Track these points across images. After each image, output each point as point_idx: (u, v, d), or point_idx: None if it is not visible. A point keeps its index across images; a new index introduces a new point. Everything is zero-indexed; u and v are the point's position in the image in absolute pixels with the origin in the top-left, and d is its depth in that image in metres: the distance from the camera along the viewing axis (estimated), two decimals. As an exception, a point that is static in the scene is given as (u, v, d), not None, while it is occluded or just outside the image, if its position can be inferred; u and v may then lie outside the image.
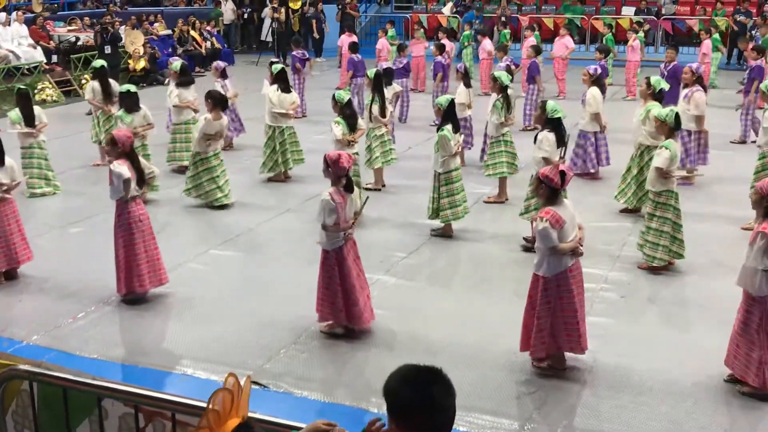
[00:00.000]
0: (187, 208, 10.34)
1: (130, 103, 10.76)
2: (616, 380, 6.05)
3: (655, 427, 5.48)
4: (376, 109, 10.73)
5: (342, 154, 6.49)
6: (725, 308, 6.38)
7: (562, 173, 5.85)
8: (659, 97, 9.71)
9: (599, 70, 11.39)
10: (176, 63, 12.27)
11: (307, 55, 16.58)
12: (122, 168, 7.12)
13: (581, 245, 5.89)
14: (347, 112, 9.58)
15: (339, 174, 6.46)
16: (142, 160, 7.54)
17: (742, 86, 15.27)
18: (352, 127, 9.53)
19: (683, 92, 10.93)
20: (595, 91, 11.03)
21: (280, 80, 11.36)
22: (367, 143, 10.70)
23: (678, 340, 6.74)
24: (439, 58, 15.39)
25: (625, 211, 9.82)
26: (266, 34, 27.12)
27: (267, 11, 27.06)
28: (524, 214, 8.67)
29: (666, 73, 13.21)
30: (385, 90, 11.56)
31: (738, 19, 22.36)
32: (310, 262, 7.54)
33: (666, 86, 9.90)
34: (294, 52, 16.42)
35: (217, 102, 9.89)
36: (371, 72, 11.04)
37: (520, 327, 6.13)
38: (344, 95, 9.71)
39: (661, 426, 5.49)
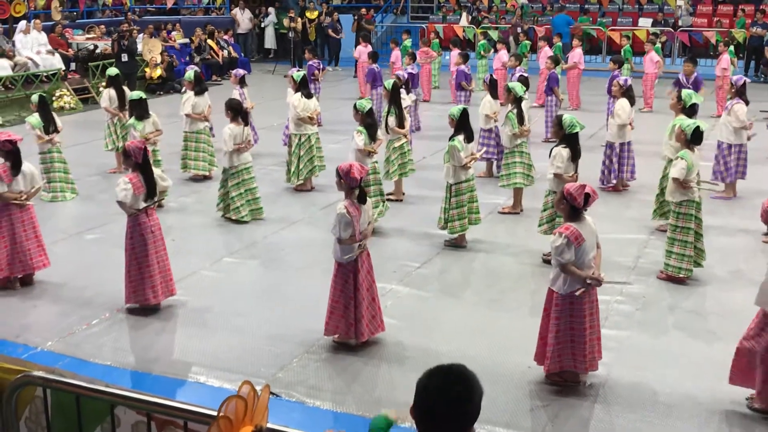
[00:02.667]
0: (202, 215, 10.38)
1: (141, 111, 10.92)
2: (630, 394, 6.00)
3: (669, 442, 5.44)
4: (392, 120, 10.69)
5: (353, 165, 6.47)
6: (745, 321, 6.29)
7: (587, 195, 5.79)
8: (690, 111, 9.37)
9: (629, 82, 11.33)
10: (189, 72, 12.33)
11: (322, 65, 16.58)
12: (122, 189, 7.12)
13: (599, 274, 5.82)
14: (368, 121, 9.53)
15: (351, 185, 6.44)
16: (158, 171, 7.56)
17: None
18: (372, 136, 9.46)
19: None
20: (624, 102, 10.99)
21: (303, 87, 11.42)
22: (387, 154, 10.68)
23: (694, 353, 6.67)
24: (462, 67, 15.38)
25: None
26: (271, 42, 27.43)
27: (269, 19, 27.30)
28: (540, 227, 8.63)
29: (690, 86, 13.06)
30: (407, 96, 11.55)
31: (755, 31, 22.23)
32: (324, 272, 7.53)
33: (699, 100, 9.67)
34: (310, 62, 16.46)
35: (237, 112, 9.87)
36: (388, 83, 10.98)
37: (535, 339, 6.12)
38: (365, 104, 9.63)
39: (675, 441, 5.45)
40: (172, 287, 7.54)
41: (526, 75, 13.02)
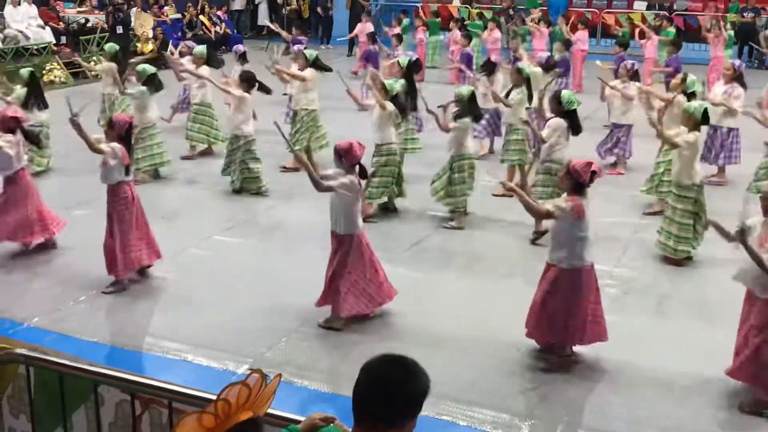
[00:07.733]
0: (191, 191, 10.30)
1: (157, 84, 10.68)
2: (619, 377, 5.99)
3: (657, 425, 5.42)
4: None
5: (353, 143, 6.41)
6: (734, 304, 6.28)
7: (593, 172, 5.79)
8: (691, 96, 9.36)
9: (636, 65, 11.46)
10: (200, 48, 12.12)
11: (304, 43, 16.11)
12: (113, 155, 7.09)
13: None
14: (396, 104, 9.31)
15: (352, 163, 6.41)
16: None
17: None
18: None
19: (723, 88, 10.77)
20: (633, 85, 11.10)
21: (317, 66, 11.34)
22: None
23: (684, 336, 6.65)
24: (467, 49, 15.39)
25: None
26: (265, 18, 27.17)
27: None
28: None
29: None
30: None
31: (745, 16, 22.04)
32: (315, 249, 7.50)
33: (698, 88, 9.62)
34: (295, 39, 16.09)
35: (251, 83, 10.08)
36: (403, 60, 10.63)
37: (525, 318, 6.11)
38: (394, 85, 9.39)
39: (663, 424, 5.43)
40: (157, 250, 7.55)
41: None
